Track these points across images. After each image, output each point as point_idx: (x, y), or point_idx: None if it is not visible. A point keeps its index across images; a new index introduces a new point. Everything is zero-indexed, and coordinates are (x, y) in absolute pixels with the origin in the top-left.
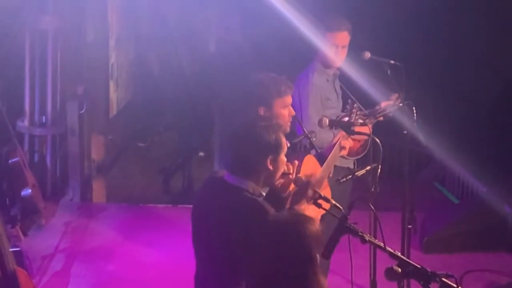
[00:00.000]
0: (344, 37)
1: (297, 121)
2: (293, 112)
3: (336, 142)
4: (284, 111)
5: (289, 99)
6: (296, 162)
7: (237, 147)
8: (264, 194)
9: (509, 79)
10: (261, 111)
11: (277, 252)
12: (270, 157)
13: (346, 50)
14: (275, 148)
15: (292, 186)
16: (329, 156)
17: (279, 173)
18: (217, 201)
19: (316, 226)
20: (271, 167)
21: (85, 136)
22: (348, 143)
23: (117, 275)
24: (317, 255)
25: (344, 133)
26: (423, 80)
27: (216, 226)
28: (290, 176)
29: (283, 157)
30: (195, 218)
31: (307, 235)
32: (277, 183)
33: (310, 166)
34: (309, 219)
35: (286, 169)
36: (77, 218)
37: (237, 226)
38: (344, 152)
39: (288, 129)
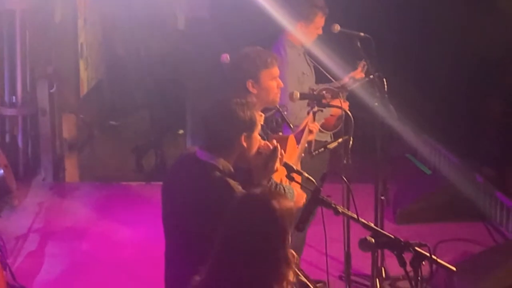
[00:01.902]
0: None
1: None
2: (282, 84)
3: (305, 127)
4: (272, 83)
5: (276, 71)
6: (275, 141)
7: (212, 124)
8: (233, 170)
9: (483, 50)
10: (249, 85)
11: (248, 227)
12: (244, 134)
13: None
14: (250, 125)
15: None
16: (300, 142)
17: (253, 150)
18: (187, 177)
19: (289, 201)
20: (245, 144)
21: (56, 115)
22: (315, 126)
23: (92, 254)
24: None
25: (311, 117)
26: (395, 53)
27: (184, 202)
28: (263, 153)
29: (257, 135)
30: (165, 194)
31: (279, 209)
32: (250, 160)
33: (292, 147)
34: (281, 194)
35: (260, 146)
36: (50, 198)
37: (204, 203)
38: (312, 137)
39: (277, 101)
